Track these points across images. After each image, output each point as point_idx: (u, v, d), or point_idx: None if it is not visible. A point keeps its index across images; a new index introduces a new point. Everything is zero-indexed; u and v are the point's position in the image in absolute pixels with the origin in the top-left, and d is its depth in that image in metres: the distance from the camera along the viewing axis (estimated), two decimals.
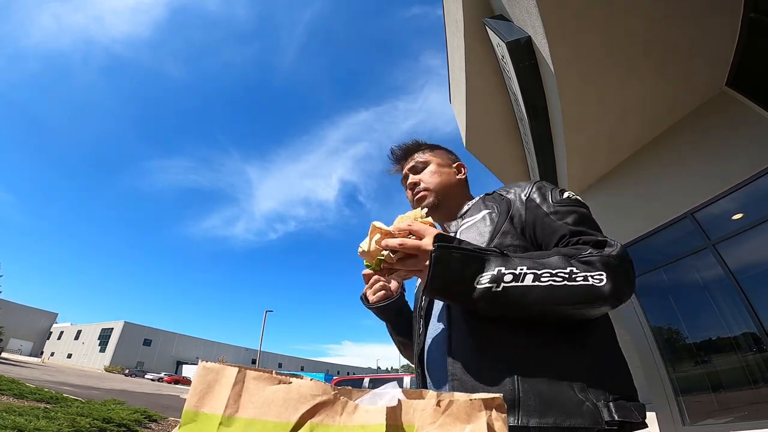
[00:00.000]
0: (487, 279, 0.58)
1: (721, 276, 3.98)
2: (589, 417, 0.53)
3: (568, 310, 0.58)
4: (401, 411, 0.36)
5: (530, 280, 0.57)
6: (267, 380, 0.36)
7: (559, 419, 0.53)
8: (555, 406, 0.54)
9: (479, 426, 0.36)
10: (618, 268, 0.59)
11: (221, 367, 0.37)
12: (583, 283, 0.57)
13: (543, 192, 0.75)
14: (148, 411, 6.30)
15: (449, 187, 0.93)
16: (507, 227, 0.73)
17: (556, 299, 0.57)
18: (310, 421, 0.34)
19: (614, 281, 0.58)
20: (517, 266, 0.59)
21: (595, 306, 0.58)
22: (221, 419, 0.34)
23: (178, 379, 39.55)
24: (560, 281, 0.57)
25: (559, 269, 0.58)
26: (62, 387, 10.48)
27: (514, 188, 0.81)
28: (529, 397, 0.55)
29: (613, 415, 0.54)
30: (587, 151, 5.15)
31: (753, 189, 3.80)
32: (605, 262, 0.59)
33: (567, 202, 0.72)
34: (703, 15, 3.52)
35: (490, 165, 7.95)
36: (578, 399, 0.55)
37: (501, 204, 0.78)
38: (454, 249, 0.59)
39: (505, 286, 0.57)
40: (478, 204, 0.84)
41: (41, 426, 3.69)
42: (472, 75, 5.91)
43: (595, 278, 0.57)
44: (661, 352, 4.55)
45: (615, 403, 0.55)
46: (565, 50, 3.70)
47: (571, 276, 0.57)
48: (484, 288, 0.57)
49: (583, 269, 0.58)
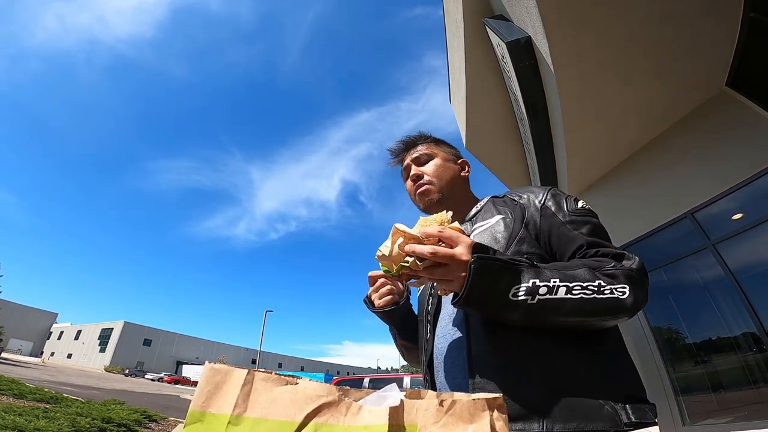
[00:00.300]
0: (523, 291, 0.58)
1: (721, 276, 3.99)
2: (608, 420, 0.55)
3: (595, 321, 0.61)
4: (404, 411, 0.36)
5: (563, 293, 0.59)
6: (274, 381, 0.37)
7: (582, 424, 0.55)
8: (576, 411, 0.56)
9: (482, 426, 0.36)
10: (638, 281, 0.62)
11: (229, 368, 0.38)
12: (609, 296, 0.59)
13: (558, 200, 0.77)
14: (148, 411, 6.30)
15: (453, 184, 0.92)
16: (523, 234, 0.73)
17: (587, 311, 0.59)
18: (314, 420, 0.34)
19: (635, 294, 0.60)
20: (550, 279, 0.59)
21: (618, 317, 0.61)
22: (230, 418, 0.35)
23: (178, 379, 39.56)
24: (590, 294, 0.59)
25: (588, 282, 0.60)
26: (62, 387, 10.48)
27: (527, 194, 0.81)
28: (553, 405, 0.57)
29: (631, 417, 0.56)
30: (587, 151, 5.15)
31: (753, 189, 3.80)
32: (627, 275, 0.62)
33: (582, 212, 0.75)
34: (703, 15, 3.52)
35: (490, 165, 7.95)
36: (598, 404, 0.57)
37: (515, 210, 0.78)
38: (492, 260, 0.59)
39: (540, 299, 0.58)
40: (489, 207, 0.83)
41: (41, 426, 3.69)
42: (472, 75, 5.91)
43: (619, 291, 0.60)
44: (661, 352, 4.56)
45: (631, 406, 0.58)
46: (565, 50, 3.70)
47: (600, 289, 0.60)
48: (521, 300, 0.58)
49: (608, 282, 0.60)
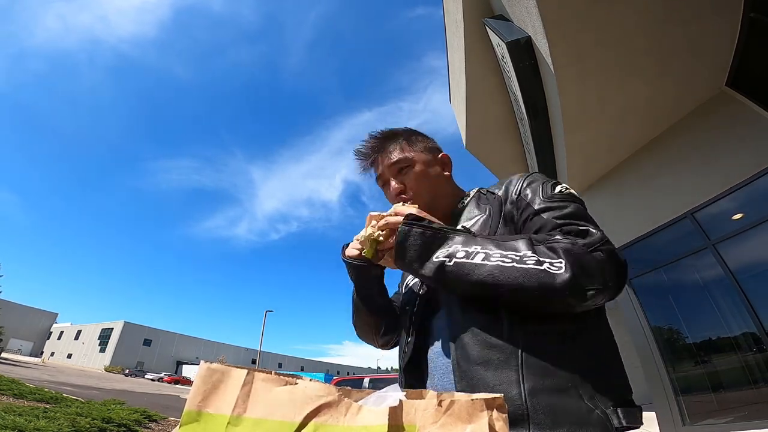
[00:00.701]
0: (443, 254, 0.60)
1: (721, 276, 3.99)
2: (599, 425, 0.53)
3: (520, 296, 0.56)
4: (403, 411, 0.36)
5: (479, 259, 0.58)
6: (274, 381, 0.37)
7: (571, 429, 0.52)
8: (565, 416, 0.53)
9: (481, 426, 0.36)
10: (584, 257, 0.55)
11: (227, 368, 0.38)
12: (533, 267, 0.54)
13: (534, 187, 0.72)
14: (148, 411, 6.30)
15: (439, 188, 0.86)
16: (501, 229, 0.71)
17: (502, 281, 0.55)
18: (314, 420, 0.34)
19: (574, 271, 0.53)
20: (474, 245, 0.60)
21: (550, 295, 0.54)
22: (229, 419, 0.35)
23: (178, 379, 39.56)
24: (508, 263, 0.56)
25: (512, 251, 0.57)
26: (62, 387, 10.48)
27: (505, 184, 0.78)
28: (539, 410, 0.53)
29: (622, 421, 0.54)
30: (587, 150, 5.15)
31: (753, 189, 3.80)
32: (568, 249, 0.55)
33: (558, 197, 0.68)
34: (703, 15, 3.52)
35: (490, 165, 7.95)
36: (587, 407, 0.54)
37: (494, 204, 0.76)
38: (416, 225, 0.63)
39: (457, 261, 0.59)
40: (473, 203, 0.82)
41: (41, 426, 3.69)
42: (472, 75, 5.91)
43: (554, 265, 0.54)
44: (661, 352, 4.56)
45: (622, 409, 0.55)
46: (565, 50, 3.70)
47: (522, 259, 0.55)
48: (439, 262, 0.60)
49: (542, 254, 0.56)
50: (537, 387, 0.55)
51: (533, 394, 0.54)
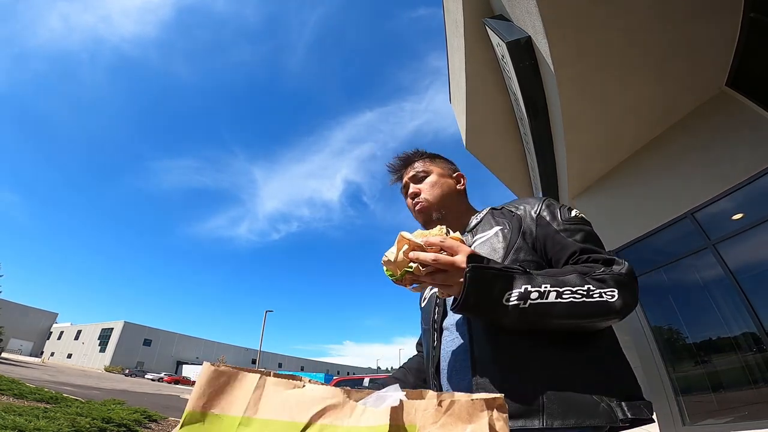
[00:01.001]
0: (515, 296, 0.63)
1: (721, 276, 3.99)
2: (605, 416, 0.59)
3: (585, 324, 0.65)
4: (403, 411, 0.36)
5: (553, 297, 0.63)
6: (284, 385, 0.38)
7: (580, 420, 0.59)
8: (575, 408, 0.60)
9: (481, 426, 0.36)
10: (627, 285, 0.66)
11: (236, 371, 0.39)
12: (599, 300, 0.63)
13: (552, 210, 0.81)
14: (148, 411, 6.30)
15: (449, 198, 0.96)
16: (520, 243, 0.78)
17: (576, 314, 0.63)
18: (319, 421, 0.35)
19: (624, 297, 0.64)
20: (541, 284, 0.64)
21: (608, 319, 0.65)
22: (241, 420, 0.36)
23: (178, 379, 39.56)
24: (579, 298, 0.63)
25: (578, 287, 0.64)
26: (62, 387, 10.48)
27: (523, 205, 0.86)
28: (553, 402, 0.61)
29: (626, 414, 0.60)
30: (587, 150, 5.15)
31: (753, 189, 3.80)
32: (616, 279, 0.66)
33: (575, 221, 0.78)
34: (703, 15, 3.52)
35: (490, 165, 7.95)
36: (594, 401, 0.61)
37: (512, 220, 0.83)
38: (486, 269, 0.64)
39: (532, 303, 0.63)
40: (488, 219, 0.88)
41: (41, 426, 3.69)
42: (472, 75, 5.91)
43: (608, 294, 0.64)
44: (661, 352, 4.56)
45: (627, 403, 0.62)
46: (565, 50, 3.70)
47: (589, 293, 0.63)
48: (513, 305, 0.63)
49: (597, 286, 0.64)
50: (551, 384, 0.63)
51: (548, 390, 0.62)
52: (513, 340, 0.67)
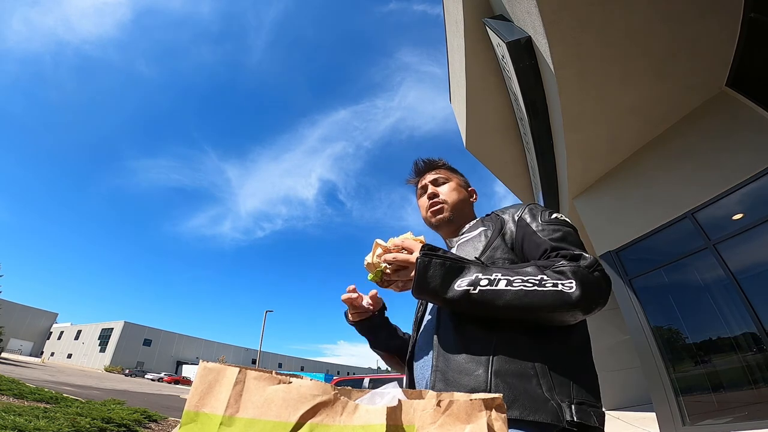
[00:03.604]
0: (466, 283, 0.66)
1: (721, 276, 3.99)
2: (551, 414, 0.59)
3: (541, 314, 0.65)
4: (401, 411, 0.36)
5: (503, 285, 0.65)
6: (267, 380, 0.36)
7: (524, 413, 0.58)
8: (522, 400, 0.60)
9: (479, 426, 0.36)
10: (588, 277, 0.65)
11: (222, 367, 0.37)
12: (552, 289, 0.63)
13: (534, 213, 0.84)
14: (148, 411, 6.30)
15: (462, 207, 1.02)
16: (498, 243, 0.82)
17: (527, 302, 0.64)
18: (310, 421, 0.34)
19: (582, 289, 0.63)
20: (493, 273, 0.67)
21: (566, 310, 0.64)
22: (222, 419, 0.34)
23: (178, 379, 39.54)
24: (531, 287, 0.64)
25: (530, 276, 0.65)
26: (62, 387, 10.48)
27: (509, 209, 0.90)
28: (499, 389, 0.61)
29: (573, 416, 0.59)
30: (587, 150, 5.15)
31: (753, 189, 3.80)
32: (575, 271, 0.66)
33: (554, 222, 0.80)
34: (703, 15, 3.52)
35: (490, 165, 7.95)
36: (544, 397, 0.61)
37: (496, 222, 0.87)
38: (435, 257, 0.70)
39: (481, 289, 0.65)
40: (477, 223, 0.94)
41: (41, 426, 3.69)
42: (472, 75, 5.91)
43: (566, 285, 0.64)
44: (661, 352, 4.55)
45: (577, 406, 0.61)
46: (565, 50, 3.70)
47: (542, 282, 0.64)
48: (462, 290, 0.66)
49: (554, 277, 0.65)
50: (502, 370, 0.64)
51: (497, 374, 0.63)
52: (474, 328, 0.70)
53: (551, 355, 0.67)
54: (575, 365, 0.68)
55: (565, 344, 0.69)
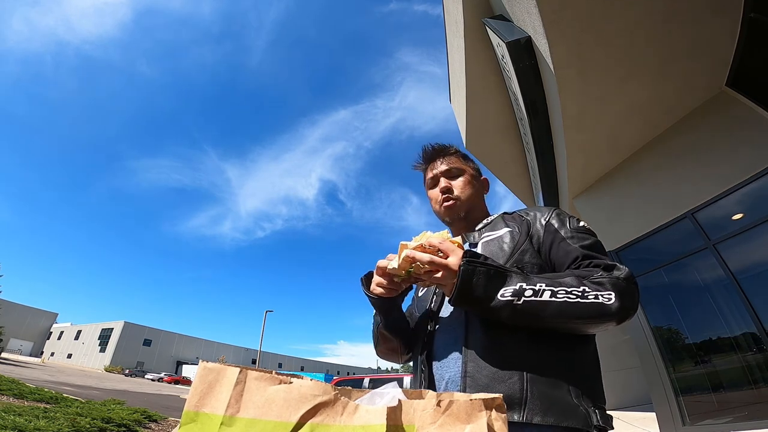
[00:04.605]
0: (510, 293, 0.66)
1: (721, 276, 3.98)
2: (582, 420, 0.62)
3: (579, 324, 0.66)
4: (401, 411, 0.36)
5: (548, 296, 0.65)
6: (268, 380, 0.36)
7: (558, 419, 0.61)
8: (555, 407, 0.62)
9: (479, 426, 0.36)
10: (626, 289, 0.67)
11: (222, 367, 0.37)
12: (594, 301, 0.65)
13: (562, 219, 0.84)
14: (148, 411, 6.30)
15: (476, 200, 0.99)
16: (527, 246, 0.81)
17: (570, 314, 0.65)
18: (310, 421, 0.34)
19: (621, 300, 0.65)
20: (537, 283, 0.66)
21: (604, 321, 0.66)
22: (222, 419, 0.34)
23: (178, 379, 39.53)
24: (574, 298, 0.65)
25: (573, 288, 0.66)
26: (62, 387, 10.48)
27: (534, 211, 0.89)
28: (535, 398, 0.63)
29: (599, 421, 0.62)
30: (587, 150, 5.15)
31: (753, 189, 3.80)
32: (614, 283, 0.67)
33: (582, 230, 0.81)
34: (703, 15, 3.52)
35: (490, 165, 7.95)
36: (574, 404, 0.64)
37: (522, 224, 0.86)
38: (480, 264, 0.68)
39: (526, 300, 0.65)
40: (498, 221, 0.92)
41: (41, 426, 3.69)
42: (472, 75, 5.91)
43: (605, 297, 0.65)
44: (661, 352, 4.55)
45: (600, 411, 0.64)
46: (565, 50, 3.70)
47: (584, 294, 0.65)
48: (507, 300, 0.65)
49: (594, 289, 0.66)
50: (536, 379, 0.65)
51: (532, 383, 0.64)
52: (506, 335, 0.69)
53: (577, 362, 0.69)
54: (594, 371, 0.71)
55: (587, 351, 0.72)
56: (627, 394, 8.34)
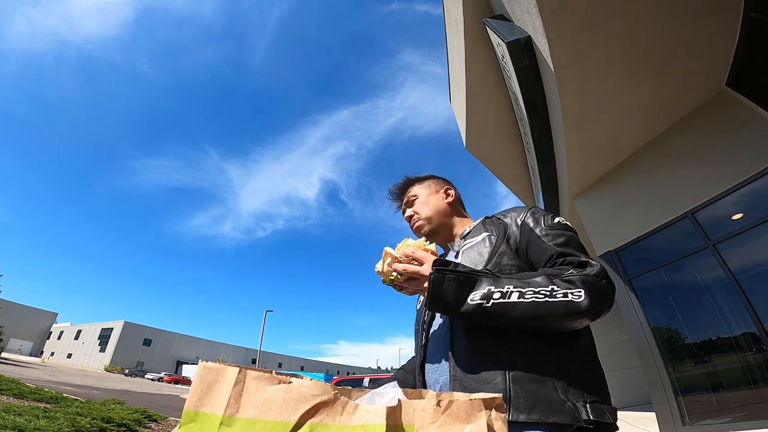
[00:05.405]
0: (479, 296, 0.68)
1: (721, 276, 3.98)
2: (569, 415, 0.62)
3: (551, 323, 0.67)
4: (401, 411, 0.36)
5: (515, 297, 0.67)
6: (267, 380, 0.36)
7: (544, 415, 0.61)
8: (541, 404, 0.63)
9: (479, 426, 0.36)
10: (595, 285, 0.68)
11: (221, 366, 0.37)
12: (562, 299, 0.66)
13: (536, 217, 0.86)
14: (148, 411, 6.29)
15: (440, 213, 1.04)
16: (504, 248, 0.83)
17: (539, 313, 0.66)
18: (310, 421, 0.33)
19: (591, 297, 0.66)
20: (505, 285, 0.69)
21: (575, 318, 0.67)
22: (222, 419, 0.34)
23: (178, 379, 39.53)
24: (542, 298, 0.66)
25: (541, 287, 0.68)
26: (62, 387, 10.48)
27: (511, 213, 0.92)
28: (519, 396, 0.64)
29: (589, 415, 0.62)
30: (587, 150, 5.15)
31: (753, 189, 3.80)
32: (583, 280, 0.68)
33: (557, 227, 0.82)
34: (703, 15, 3.52)
35: (490, 165, 7.95)
36: (561, 399, 0.64)
37: (499, 227, 0.88)
38: (449, 271, 0.71)
39: (494, 302, 0.67)
40: (479, 227, 0.95)
41: (41, 426, 3.68)
42: (472, 75, 5.91)
43: (575, 295, 0.66)
44: (661, 352, 4.55)
45: (591, 405, 0.64)
46: (565, 50, 3.69)
47: (552, 293, 0.67)
48: (476, 304, 0.68)
49: (564, 287, 0.67)
50: (519, 377, 0.66)
51: (516, 382, 0.66)
52: (487, 337, 0.72)
53: (563, 358, 0.70)
54: (585, 366, 0.71)
55: (574, 347, 0.72)
56: (627, 394, 8.35)
